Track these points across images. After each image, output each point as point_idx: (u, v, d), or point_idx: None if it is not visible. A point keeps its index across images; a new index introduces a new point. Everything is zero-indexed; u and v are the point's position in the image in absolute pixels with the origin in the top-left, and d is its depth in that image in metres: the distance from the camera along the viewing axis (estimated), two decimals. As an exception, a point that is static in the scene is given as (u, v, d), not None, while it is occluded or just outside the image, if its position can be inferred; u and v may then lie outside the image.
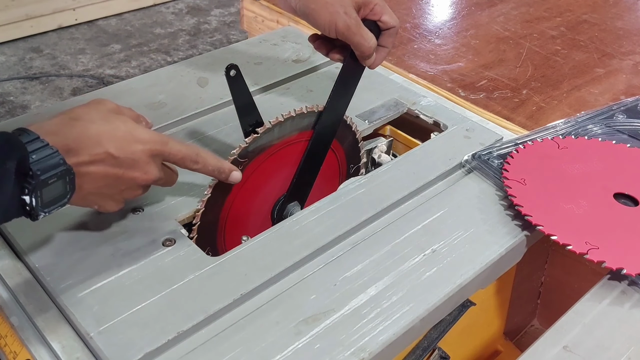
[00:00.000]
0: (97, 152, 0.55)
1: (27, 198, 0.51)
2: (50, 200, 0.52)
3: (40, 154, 0.51)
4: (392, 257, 0.67)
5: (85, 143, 0.55)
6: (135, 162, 0.58)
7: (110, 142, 0.56)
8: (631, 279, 0.65)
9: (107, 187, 0.59)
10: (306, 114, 0.75)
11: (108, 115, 0.58)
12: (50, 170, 0.51)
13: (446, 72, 1.05)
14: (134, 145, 0.57)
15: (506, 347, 0.95)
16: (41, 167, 0.51)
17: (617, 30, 1.22)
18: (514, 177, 0.75)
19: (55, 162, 0.52)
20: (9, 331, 0.62)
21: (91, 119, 0.56)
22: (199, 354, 0.56)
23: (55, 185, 0.52)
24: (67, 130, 0.54)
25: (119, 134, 0.57)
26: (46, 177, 0.51)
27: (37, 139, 0.52)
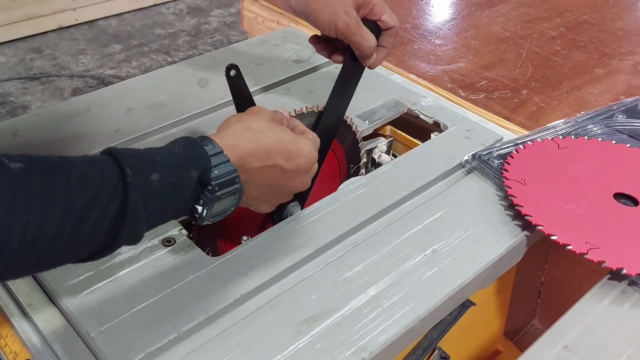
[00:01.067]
0: (268, 163, 0.59)
1: (200, 208, 0.54)
2: (217, 212, 0.56)
3: (221, 170, 0.54)
4: (393, 257, 0.67)
5: (258, 154, 0.58)
6: (298, 172, 0.62)
7: (279, 154, 0.59)
8: (631, 279, 0.65)
9: (268, 194, 0.62)
10: (306, 114, 0.75)
11: (273, 125, 0.61)
12: (227, 187, 0.54)
13: (446, 73, 1.06)
14: (298, 157, 0.61)
15: (506, 347, 0.95)
16: (219, 182, 0.54)
17: (617, 31, 1.22)
18: (514, 177, 0.75)
19: (232, 179, 0.55)
20: (9, 331, 0.62)
21: (261, 130, 0.59)
22: (200, 354, 0.56)
23: (227, 200, 0.55)
24: (243, 141, 0.57)
25: (285, 146, 0.60)
26: (221, 193, 0.54)
27: (220, 153, 0.54)
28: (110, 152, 0.49)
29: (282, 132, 0.61)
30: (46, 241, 0.44)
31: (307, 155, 0.62)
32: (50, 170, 0.46)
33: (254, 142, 0.58)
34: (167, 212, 0.53)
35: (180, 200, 0.52)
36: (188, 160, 0.53)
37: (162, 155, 0.52)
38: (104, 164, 0.48)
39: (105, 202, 0.46)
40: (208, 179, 0.53)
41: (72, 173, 0.46)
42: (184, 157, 0.53)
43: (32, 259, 0.45)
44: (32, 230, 0.43)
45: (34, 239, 0.43)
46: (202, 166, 0.53)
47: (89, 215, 0.45)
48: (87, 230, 0.46)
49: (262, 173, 0.59)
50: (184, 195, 0.52)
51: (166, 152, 0.53)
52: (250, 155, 0.57)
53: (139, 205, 0.48)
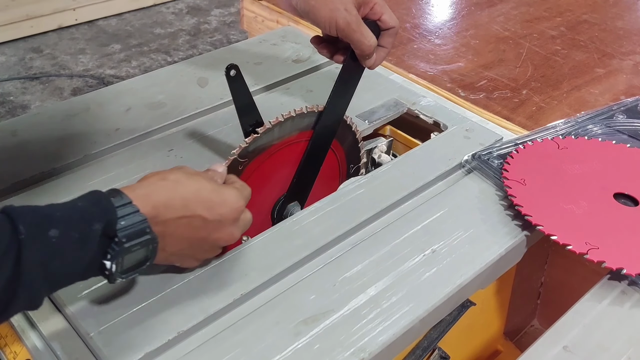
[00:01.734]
0: (185, 213, 0.55)
1: (108, 263, 0.51)
2: (130, 267, 0.52)
3: (128, 221, 0.51)
4: (392, 258, 0.67)
5: (174, 204, 0.55)
6: (222, 223, 0.58)
7: (198, 204, 0.56)
8: (631, 279, 0.65)
9: (190, 248, 0.58)
10: (306, 114, 0.75)
11: (192, 174, 0.58)
12: (136, 239, 0.51)
13: (446, 72, 1.05)
14: (221, 207, 0.57)
15: (506, 347, 0.95)
16: (127, 234, 0.50)
17: (617, 30, 1.22)
18: (514, 177, 0.75)
19: (142, 229, 0.51)
20: (9, 331, 0.62)
21: (177, 180, 0.56)
22: (199, 354, 0.56)
23: (138, 253, 0.52)
24: (157, 191, 0.54)
25: (205, 195, 0.57)
26: (130, 245, 0.51)
27: (128, 204, 0.51)
28: (3, 210, 0.46)
29: (202, 180, 0.57)
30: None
31: (232, 205, 0.58)
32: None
33: (169, 191, 0.55)
34: (72, 271, 0.49)
35: (86, 257, 0.49)
36: (92, 214, 0.49)
37: (63, 211, 0.49)
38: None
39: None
40: (114, 230, 0.50)
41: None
42: (88, 210, 0.50)
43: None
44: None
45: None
46: (107, 217, 0.50)
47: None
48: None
49: (180, 225, 0.55)
50: (89, 250, 0.49)
51: (69, 207, 0.49)
52: (164, 206, 0.54)
53: (35, 264, 0.45)
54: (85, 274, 0.51)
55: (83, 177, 0.77)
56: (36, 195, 0.74)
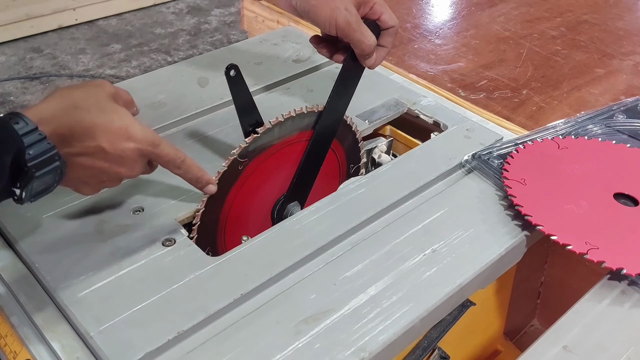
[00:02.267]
0: (89, 144, 0.55)
1: (18, 191, 0.51)
2: (38, 191, 0.52)
3: (36, 149, 0.50)
4: (392, 257, 0.67)
5: (79, 134, 0.54)
6: (124, 158, 0.58)
7: (103, 136, 0.55)
8: (631, 279, 0.65)
9: (90, 177, 0.58)
10: (306, 114, 0.75)
11: (105, 104, 0.57)
12: (45, 167, 0.51)
13: (446, 72, 1.06)
14: (126, 142, 0.57)
15: (506, 347, 0.95)
16: (36, 163, 0.50)
17: (618, 31, 1.22)
18: (514, 177, 0.75)
19: (51, 157, 0.51)
20: (9, 331, 0.62)
21: (88, 108, 0.55)
22: (199, 354, 0.56)
23: (46, 178, 0.52)
24: (64, 118, 0.53)
25: (113, 128, 0.56)
26: (40, 174, 0.51)
27: (34, 130, 0.50)
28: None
29: (113, 113, 0.56)
30: None
31: (137, 142, 0.57)
32: None
33: (77, 119, 0.54)
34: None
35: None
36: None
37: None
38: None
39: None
40: (23, 162, 0.49)
41: None
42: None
43: None
44: None
45: None
46: (15, 148, 0.49)
47: None
48: None
49: (83, 153, 0.55)
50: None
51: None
52: (70, 133, 0.53)
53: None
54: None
55: (83, 176, 0.77)
56: (36, 194, 0.74)
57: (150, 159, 0.61)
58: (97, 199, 0.72)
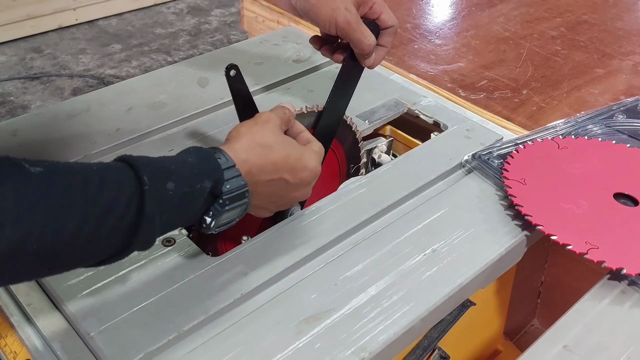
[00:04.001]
0: (273, 177, 0.60)
1: (208, 219, 0.56)
2: (224, 223, 0.57)
3: (233, 184, 0.55)
4: (393, 257, 0.67)
5: (267, 170, 0.60)
6: (300, 185, 0.63)
7: (285, 170, 0.61)
8: (631, 279, 0.65)
9: (270, 203, 0.64)
10: (306, 114, 0.75)
11: (280, 138, 0.62)
12: (236, 202, 0.56)
13: (446, 72, 1.06)
14: (303, 172, 0.63)
15: (506, 346, 0.95)
16: (230, 197, 0.55)
17: (617, 31, 1.22)
18: (514, 177, 0.75)
19: (242, 193, 0.56)
20: (9, 331, 0.62)
21: (271, 146, 0.60)
22: (199, 354, 0.56)
23: (234, 213, 0.57)
24: (253, 157, 0.59)
25: (292, 162, 0.62)
26: (230, 207, 0.56)
27: (232, 167, 0.56)
28: (126, 159, 0.50)
29: (289, 147, 0.62)
30: (63, 245, 0.45)
31: (312, 170, 0.64)
32: (69, 176, 0.46)
33: (263, 157, 0.60)
34: (178, 221, 0.54)
35: (192, 211, 0.54)
36: (202, 171, 0.53)
37: (176, 165, 0.53)
38: (121, 171, 0.49)
39: (122, 209, 0.47)
40: (220, 192, 0.54)
41: (91, 179, 0.46)
42: (198, 167, 0.53)
43: (48, 262, 0.45)
44: (50, 233, 0.43)
45: (51, 242, 0.44)
46: (216, 178, 0.54)
47: (105, 221, 0.46)
48: (103, 236, 0.47)
49: (267, 186, 0.61)
50: (195, 205, 0.53)
51: (180, 161, 0.53)
52: (258, 170, 0.59)
53: (154, 213, 0.49)
54: (186, 223, 0.55)
55: (83, 176, 0.77)
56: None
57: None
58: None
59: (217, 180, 0.54)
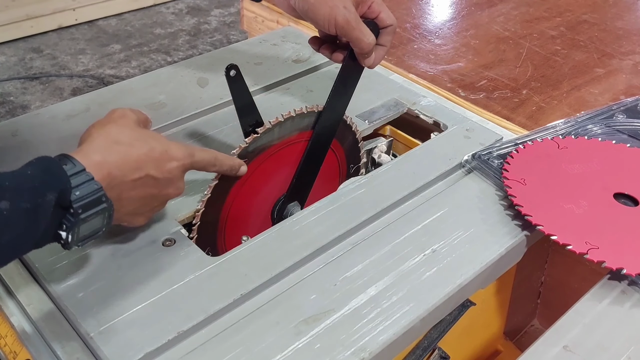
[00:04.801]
0: (139, 176, 0.56)
1: (64, 234, 0.50)
2: (86, 235, 0.52)
3: (83, 190, 0.50)
4: (392, 257, 0.67)
5: (127, 168, 0.55)
6: (171, 179, 0.60)
7: (149, 165, 0.57)
8: (631, 279, 0.65)
9: (143, 206, 0.60)
10: (306, 114, 0.75)
11: (139, 133, 0.58)
12: (92, 208, 0.51)
13: (446, 72, 1.05)
14: (170, 163, 0.59)
15: (506, 347, 0.95)
16: (83, 204, 0.50)
17: (617, 30, 1.22)
18: (514, 177, 0.75)
19: (98, 198, 0.51)
20: (9, 331, 0.62)
21: (129, 142, 0.56)
22: (199, 354, 0.56)
23: (94, 222, 0.52)
24: (110, 156, 0.54)
25: (156, 155, 0.57)
26: (86, 216, 0.50)
27: (82, 172, 0.51)
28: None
29: (152, 141, 0.58)
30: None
31: (180, 160, 0.60)
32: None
33: (122, 155, 0.55)
34: (24, 242, 0.48)
35: (39, 228, 0.48)
36: (43, 183, 0.48)
37: (12, 180, 0.47)
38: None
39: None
40: (69, 201, 0.49)
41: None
42: (39, 179, 0.48)
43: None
44: None
45: None
46: (60, 187, 0.48)
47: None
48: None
49: (135, 187, 0.56)
50: (41, 221, 0.48)
51: (17, 175, 0.48)
52: (120, 170, 0.54)
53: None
54: (39, 243, 0.50)
55: (83, 177, 0.77)
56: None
57: (189, 169, 0.63)
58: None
59: (63, 189, 0.48)
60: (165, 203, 0.63)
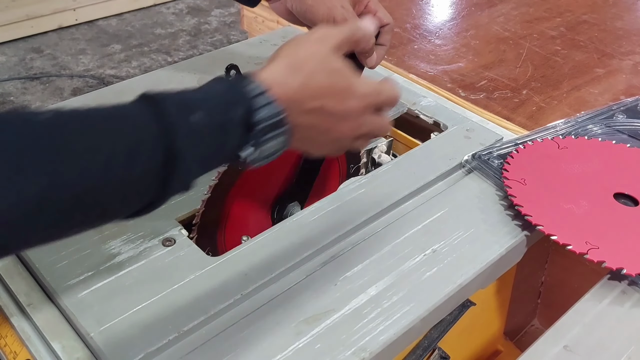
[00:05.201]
0: (314, 105, 0.54)
1: (244, 153, 0.50)
2: (264, 156, 0.52)
3: (266, 112, 0.49)
4: (393, 257, 0.67)
5: (306, 96, 0.53)
6: (347, 117, 0.56)
7: (327, 97, 0.54)
8: (631, 279, 0.65)
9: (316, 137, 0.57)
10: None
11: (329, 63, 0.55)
12: (273, 131, 0.50)
13: (446, 73, 1.06)
14: (349, 101, 0.55)
15: (506, 346, 0.95)
16: (265, 126, 0.49)
17: (617, 31, 1.22)
18: (514, 177, 0.75)
19: (279, 121, 0.50)
20: (9, 331, 0.62)
21: (313, 71, 0.54)
22: (199, 354, 0.56)
23: (273, 143, 0.51)
24: (292, 81, 0.52)
25: (337, 89, 0.55)
26: (267, 138, 0.50)
27: (264, 94, 0.50)
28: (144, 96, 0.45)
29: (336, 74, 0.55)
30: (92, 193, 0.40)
31: (361, 98, 0.56)
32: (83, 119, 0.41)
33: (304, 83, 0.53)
34: (214, 157, 0.49)
35: (227, 143, 0.48)
36: (231, 100, 0.48)
37: (202, 94, 0.48)
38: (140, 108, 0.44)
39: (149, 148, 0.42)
40: (253, 122, 0.49)
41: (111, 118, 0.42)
42: (226, 96, 0.48)
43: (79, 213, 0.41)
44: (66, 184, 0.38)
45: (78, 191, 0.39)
46: (246, 107, 0.48)
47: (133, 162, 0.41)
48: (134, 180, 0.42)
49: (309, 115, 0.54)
50: (229, 137, 0.48)
51: (206, 91, 0.49)
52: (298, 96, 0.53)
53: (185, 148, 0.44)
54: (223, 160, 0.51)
55: (83, 177, 0.77)
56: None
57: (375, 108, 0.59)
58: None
59: (247, 109, 0.48)
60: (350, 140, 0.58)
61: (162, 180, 0.44)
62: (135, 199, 0.44)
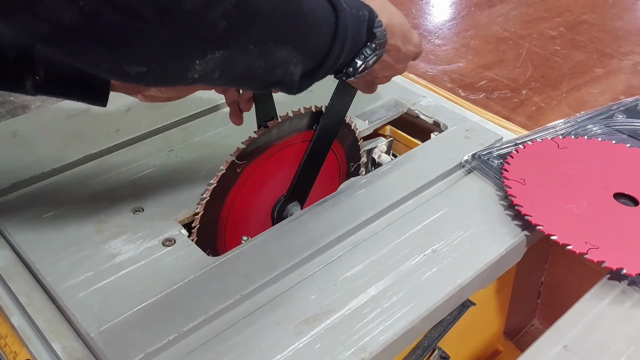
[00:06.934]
0: (392, 42, 0.62)
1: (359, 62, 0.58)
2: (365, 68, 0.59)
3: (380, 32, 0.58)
4: (393, 257, 0.67)
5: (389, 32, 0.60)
6: (405, 59, 0.66)
7: (399, 36, 0.63)
8: (631, 279, 0.65)
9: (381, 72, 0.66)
10: (304, 114, 0.75)
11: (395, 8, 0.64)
12: (380, 49, 0.59)
13: (446, 73, 1.06)
14: (410, 45, 0.65)
15: (506, 346, 0.95)
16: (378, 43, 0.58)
17: (617, 31, 1.22)
18: (514, 177, 0.75)
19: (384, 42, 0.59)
20: (9, 331, 0.62)
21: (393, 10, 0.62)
22: (199, 354, 0.56)
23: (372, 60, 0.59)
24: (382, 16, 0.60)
25: (405, 30, 0.63)
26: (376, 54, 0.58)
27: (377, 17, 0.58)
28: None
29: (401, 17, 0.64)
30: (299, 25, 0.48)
31: (417, 46, 0.66)
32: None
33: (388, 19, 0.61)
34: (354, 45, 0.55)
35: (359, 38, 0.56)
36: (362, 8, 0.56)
37: None
38: None
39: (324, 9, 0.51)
40: (372, 34, 0.57)
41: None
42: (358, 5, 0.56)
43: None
44: None
45: None
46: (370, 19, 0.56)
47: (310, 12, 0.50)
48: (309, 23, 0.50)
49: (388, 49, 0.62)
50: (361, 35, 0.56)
51: None
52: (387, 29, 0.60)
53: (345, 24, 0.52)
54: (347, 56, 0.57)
55: (83, 177, 0.77)
56: (36, 195, 0.74)
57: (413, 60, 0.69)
58: (96, 199, 0.72)
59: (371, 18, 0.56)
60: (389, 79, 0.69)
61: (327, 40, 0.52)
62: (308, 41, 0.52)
